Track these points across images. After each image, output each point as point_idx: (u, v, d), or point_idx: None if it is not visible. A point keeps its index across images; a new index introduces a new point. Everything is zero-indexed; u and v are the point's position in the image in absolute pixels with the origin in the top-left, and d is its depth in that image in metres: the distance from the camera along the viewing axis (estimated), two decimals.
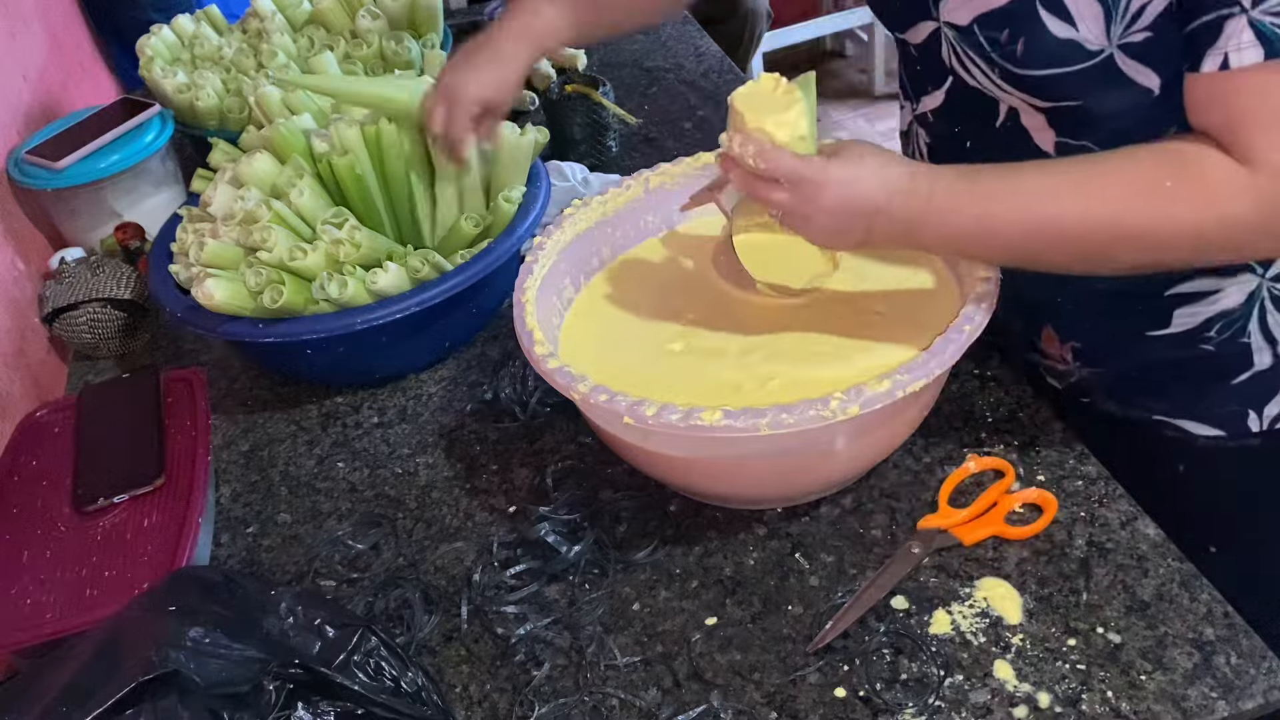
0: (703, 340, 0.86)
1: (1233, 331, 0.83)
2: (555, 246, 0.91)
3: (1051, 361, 0.93)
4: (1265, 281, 0.80)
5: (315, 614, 0.68)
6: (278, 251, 0.96)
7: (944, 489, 0.83)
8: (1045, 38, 0.71)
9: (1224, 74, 0.64)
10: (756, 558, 0.82)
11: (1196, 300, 0.82)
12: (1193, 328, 0.83)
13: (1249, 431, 0.87)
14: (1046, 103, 0.75)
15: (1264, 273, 0.80)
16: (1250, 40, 0.63)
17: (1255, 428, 0.87)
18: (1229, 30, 0.63)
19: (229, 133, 1.34)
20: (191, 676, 0.60)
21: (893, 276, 0.89)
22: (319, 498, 0.95)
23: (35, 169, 1.25)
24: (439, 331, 1.05)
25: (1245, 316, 0.82)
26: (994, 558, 0.78)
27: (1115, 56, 0.70)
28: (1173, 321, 0.83)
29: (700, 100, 1.49)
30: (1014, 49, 0.73)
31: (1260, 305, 0.81)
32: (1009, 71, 0.74)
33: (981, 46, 0.75)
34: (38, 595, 0.82)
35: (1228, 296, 0.81)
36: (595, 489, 0.89)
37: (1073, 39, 0.70)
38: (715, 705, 0.72)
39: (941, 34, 0.79)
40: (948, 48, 0.79)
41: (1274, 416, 0.86)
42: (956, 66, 0.80)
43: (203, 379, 1.00)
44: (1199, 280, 0.81)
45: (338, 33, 1.41)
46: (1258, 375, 0.84)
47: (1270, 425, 0.87)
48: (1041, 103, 0.76)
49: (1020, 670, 0.71)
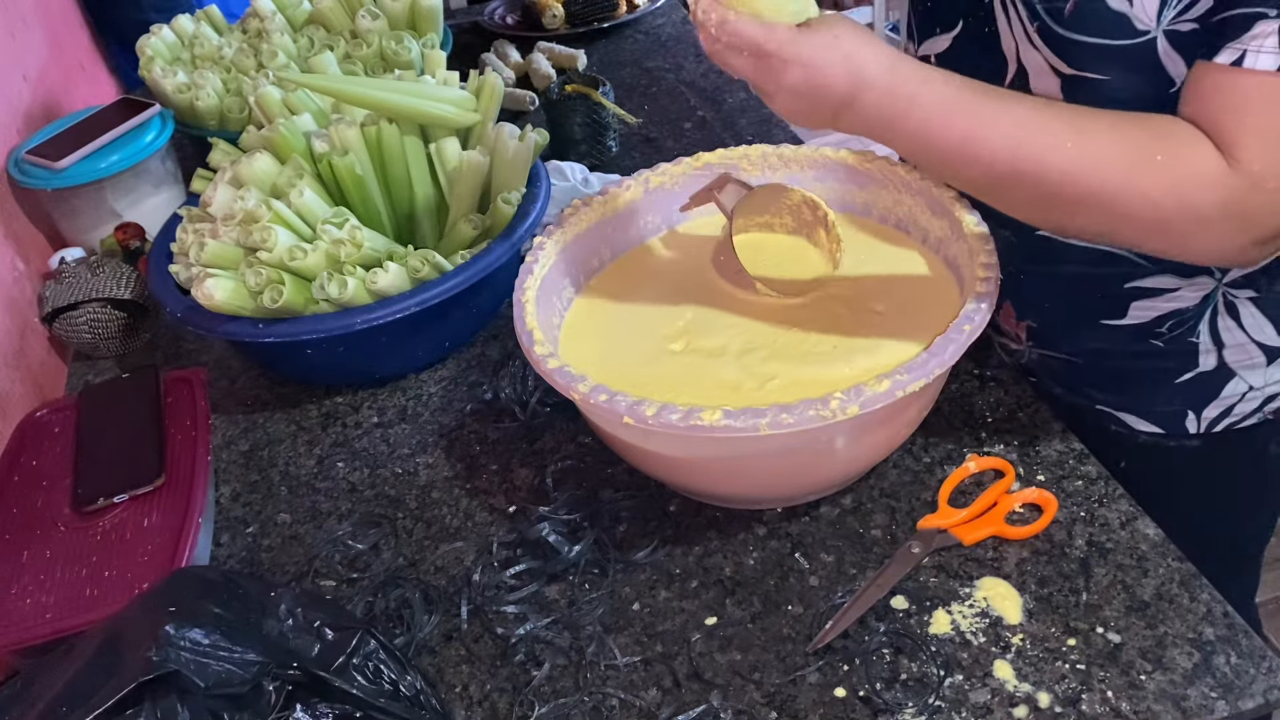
0: (703, 340, 0.86)
1: (1183, 330, 0.84)
2: (555, 246, 0.91)
3: (1005, 339, 0.95)
4: (1221, 286, 0.82)
5: (315, 616, 0.68)
6: (278, 251, 0.96)
7: (944, 489, 0.83)
8: (1098, 4, 0.69)
9: (1236, 69, 0.64)
10: (756, 558, 0.82)
11: (1154, 295, 0.83)
12: (1146, 322, 0.85)
13: (1186, 432, 0.89)
14: (1070, 70, 0.74)
15: (1221, 277, 0.81)
16: (1273, 46, 0.62)
17: (1193, 429, 0.89)
18: (1257, 30, 0.63)
19: (229, 133, 1.34)
20: (191, 677, 0.60)
21: (892, 276, 0.89)
22: (319, 498, 0.95)
23: (35, 169, 1.25)
24: (439, 331, 1.05)
25: (1197, 317, 0.83)
26: (994, 558, 0.78)
27: (1158, 41, 0.69)
28: (1129, 313, 0.85)
29: (700, 100, 1.49)
30: (1062, 6, 0.71)
31: (1213, 308, 0.83)
32: (1048, 28, 0.72)
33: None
34: (38, 595, 0.82)
35: (1183, 296, 0.83)
36: (595, 489, 0.89)
37: (1125, 13, 0.69)
38: (715, 705, 0.72)
39: None
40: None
41: (1211, 419, 0.88)
42: (996, 3, 0.77)
43: (203, 379, 1.00)
44: (1160, 277, 0.82)
45: (338, 33, 1.42)
46: (1200, 376, 0.86)
47: (1207, 428, 0.89)
48: (1066, 69, 0.74)
49: (1020, 670, 0.71)
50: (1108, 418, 0.92)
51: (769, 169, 0.97)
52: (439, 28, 1.43)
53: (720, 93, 1.51)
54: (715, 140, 1.39)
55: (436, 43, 1.40)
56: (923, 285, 0.87)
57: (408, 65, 1.34)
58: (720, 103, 1.48)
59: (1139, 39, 0.70)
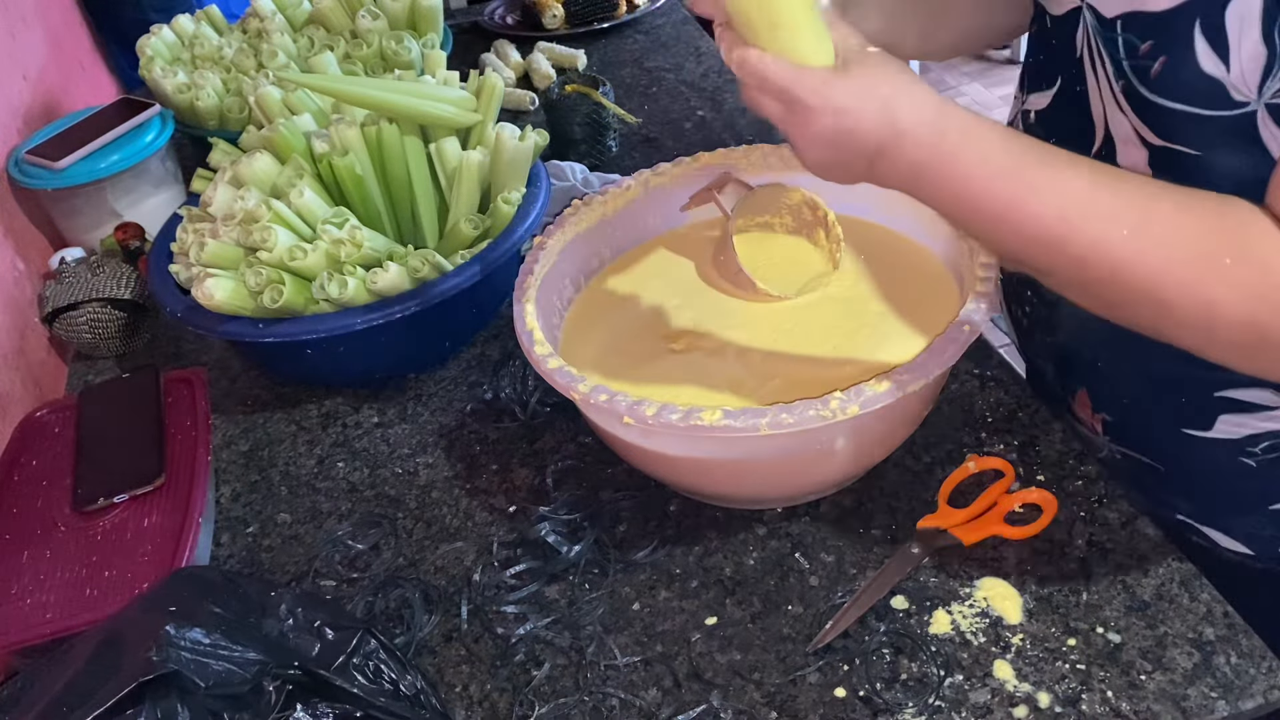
0: (703, 340, 0.86)
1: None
2: (555, 246, 0.91)
3: (1083, 428, 0.86)
4: None
5: (315, 615, 0.68)
6: (278, 251, 0.96)
7: (944, 489, 0.83)
8: (1190, 66, 0.60)
9: None
10: (756, 558, 0.82)
11: (1247, 410, 0.73)
12: (1237, 439, 0.74)
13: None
14: (1159, 140, 0.65)
15: None
16: None
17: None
18: None
19: (229, 133, 1.34)
20: (191, 677, 0.60)
21: (892, 276, 0.89)
22: (319, 498, 0.95)
23: (35, 169, 1.25)
24: (439, 331, 1.05)
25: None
26: (994, 558, 0.78)
27: (1258, 114, 0.59)
28: (1215, 426, 0.74)
29: (700, 100, 1.49)
30: (1150, 65, 0.62)
31: None
32: (1134, 90, 0.64)
33: (1116, 48, 0.64)
34: (38, 595, 0.82)
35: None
36: (595, 489, 0.89)
37: (1220, 79, 0.59)
38: (715, 705, 0.72)
39: (1082, 16, 0.68)
40: (1083, 33, 0.69)
41: None
42: (1085, 56, 0.69)
43: (203, 379, 1.00)
44: (1255, 390, 0.72)
45: (338, 33, 1.42)
46: None
47: None
48: (1154, 139, 0.65)
49: (1020, 670, 0.71)
50: (1189, 529, 0.82)
51: (769, 169, 0.97)
52: (439, 28, 1.43)
53: (720, 93, 1.51)
54: (715, 140, 1.39)
55: (436, 43, 1.40)
56: (923, 285, 0.87)
57: (408, 65, 1.34)
58: (720, 103, 1.48)
59: (1235, 110, 0.60)
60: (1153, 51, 0.62)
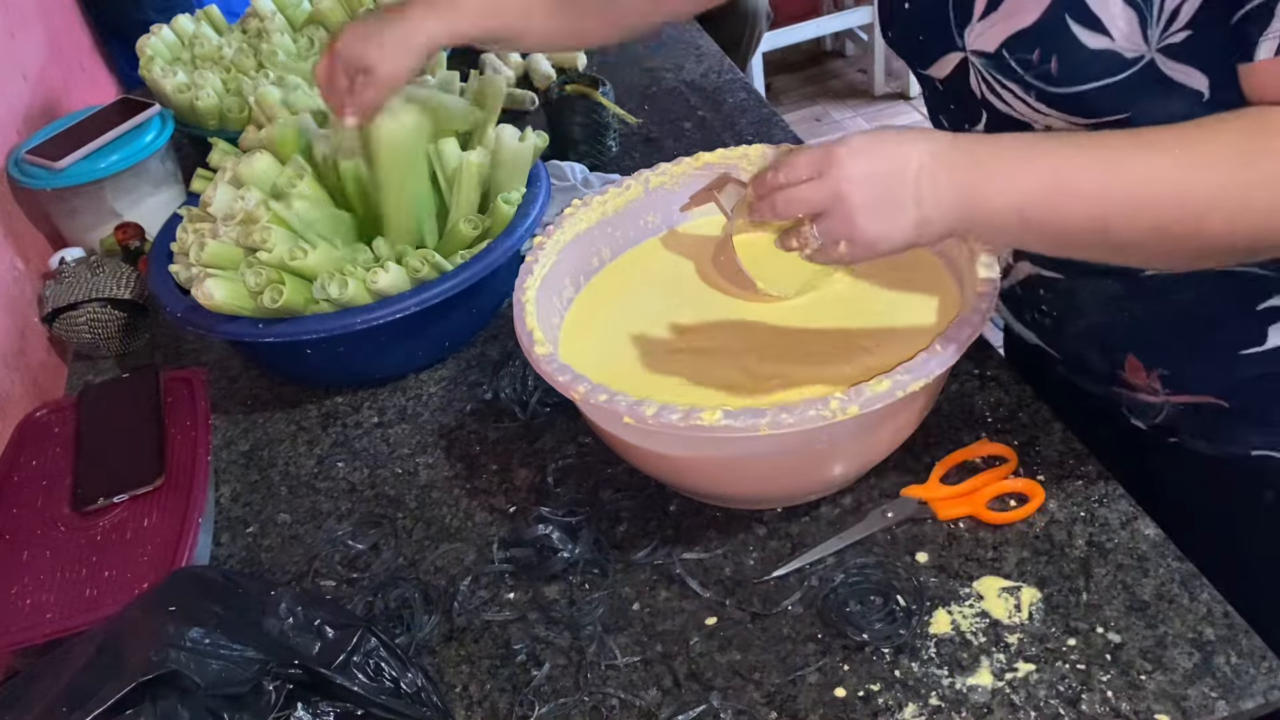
0: (703, 340, 0.86)
1: None
2: (555, 246, 0.91)
3: (1139, 394, 0.86)
4: None
5: (315, 614, 0.68)
6: (278, 251, 0.96)
7: (940, 464, 0.84)
8: (1079, 52, 0.66)
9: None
10: (756, 558, 0.82)
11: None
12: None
13: None
14: (1090, 120, 0.70)
15: None
16: None
17: None
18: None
19: (229, 133, 1.34)
20: (191, 677, 0.60)
21: (892, 276, 0.89)
22: (319, 498, 0.95)
23: (35, 169, 1.25)
24: (439, 331, 1.05)
25: None
26: (994, 557, 0.78)
27: (1156, 61, 0.65)
28: (1269, 337, 0.77)
29: (700, 100, 1.49)
30: (1047, 68, 0.68)
31: None
32: (1045, 92, 0.70)
33: (1013, 71, 0.70)
34: (38, 595, 0.82)
35: None
36: (595, 489, 0.89)
37: (1108, 49, 0.66)
38: (715, 705, 0.72)
39: (969, 64, 0.75)
40: (976, 78, 0.75)
41: None
42: (989, 95, 0.75)
43: (203, 379, 1.00)
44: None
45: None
46: None
47: None
48: (1085, 120, 0.70)
49: (1020, 670, 0.71)
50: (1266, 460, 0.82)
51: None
52: None
53: (720, 93, 1.50)
54: (715, 140, 1.39)
55: None
56: (923, 285, 0.87)
57: None
58: (720, 103, 1.48)
59: (1135, 67, 0.66)
60: (1044, 55, 0.68)
